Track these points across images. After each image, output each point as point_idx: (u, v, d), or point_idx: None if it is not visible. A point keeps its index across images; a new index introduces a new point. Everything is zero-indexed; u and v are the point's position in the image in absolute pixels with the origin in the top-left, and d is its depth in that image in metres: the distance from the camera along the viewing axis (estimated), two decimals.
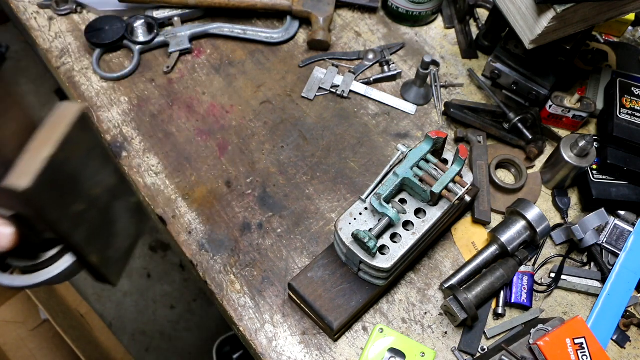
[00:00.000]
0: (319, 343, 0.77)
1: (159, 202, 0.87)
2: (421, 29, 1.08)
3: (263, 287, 0.81)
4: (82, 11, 1.04)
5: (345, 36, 1.06)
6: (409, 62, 1.03)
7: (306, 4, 1.03)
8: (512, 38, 0.92)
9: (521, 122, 0.92)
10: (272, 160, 0.91)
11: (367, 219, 0.73)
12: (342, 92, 0.98)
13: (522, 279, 0.81)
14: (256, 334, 0.78)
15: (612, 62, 1.02)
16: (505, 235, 0.81)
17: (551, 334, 0.72)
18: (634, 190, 0.88)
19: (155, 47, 1.01)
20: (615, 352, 0.80)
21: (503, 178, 0.92)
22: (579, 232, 0.82)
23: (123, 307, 1.84)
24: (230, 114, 0.95)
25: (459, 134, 0.93)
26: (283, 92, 0.98)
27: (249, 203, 0.87)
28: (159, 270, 1.91)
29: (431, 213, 0.74)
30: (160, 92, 0.97)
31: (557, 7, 0.75)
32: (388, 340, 0.75)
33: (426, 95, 0.98)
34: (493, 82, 0.97)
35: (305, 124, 0.95)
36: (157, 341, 1.80)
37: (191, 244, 0.83)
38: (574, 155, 0.85)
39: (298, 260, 0.83)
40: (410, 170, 0.74)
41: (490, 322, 0.80)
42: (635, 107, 0.91)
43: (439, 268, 0.84)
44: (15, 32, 2.33)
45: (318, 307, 0.74)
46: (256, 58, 1.02)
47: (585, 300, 0.83)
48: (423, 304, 0.81)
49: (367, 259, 0.70)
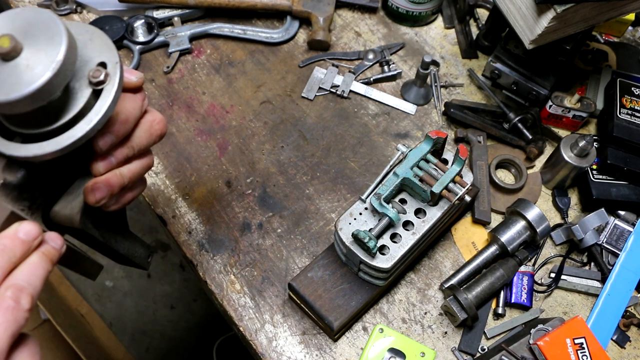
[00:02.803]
0: (319, 343, 0.77)
1: (159, 202, 0.87)
2: (421, 29, 1.08)
3: (263, 287, 0.81)
4: (82, 11, 1.04)
5: (345, 36, 1.06)
6: (409, 62, 1.03)
7: (306, 4, 1.03)
8: (512, 38, 0.92)
9: (521, 122, 0.92)
10: (272, 160, 0.91)
11: (367, 219, 0.73)
12: (342, 92, 0.98)
13: (522, 279, 0.81)
14: (256, 334, 0.78)
15: (612, 62, 1.02)
16: (505, 235, 0.81)
17: (551, 334, 0.72)
18: (634, 190, 0.88)
19: (155, 47, 1.01)
20: (615, 352, 0.80)
21: (503, 178, 0.92)
22: (579, 232, 0.82)
23: (123, 307, 1.84)
24: (230, 114, 0.95)
25: (459, 134, 0.93)
26: (283, 92, 0.98)
27: (249, 203, 0.87)
28: (159, 270, 1.91)
29: (431, 213, 0.74)
30: (160, 92, 0.97)
31: (557, 7, 0.75)
32: (388, 340, 0.75)
33: (426, 95, 0.98)
34: (493, 82, 0.97)
35: (305, 124, 0.95)
36: (157, 341, 1.80)
37: (191, 244, 0.83)
38: (574, 155, 0.85)
39: (298, 260, 0.83)
40: (410, 170, 0.74)
41: (490, 322, 0.80)
42: (635, 107, 0.91)
43: (439, 268, 0.84)
44: None
45: (318, 307, 0.74)
46: (256, 58, 1.02)
47: (585, 300, 0.83)
48: (423, 304, 0.81)
49: (367, 259, 0.70)
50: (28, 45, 0.43)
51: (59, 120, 0.47)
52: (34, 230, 0.44)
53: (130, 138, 0.53)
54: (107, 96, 0.47)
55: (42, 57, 0.43)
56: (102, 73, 0.47)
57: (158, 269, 1.91)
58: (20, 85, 0.42)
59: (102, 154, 0.51)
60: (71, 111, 0.47)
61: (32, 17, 0.44)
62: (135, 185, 0.57)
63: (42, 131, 0.47)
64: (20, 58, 0.43)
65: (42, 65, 0.43)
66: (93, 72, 0.47)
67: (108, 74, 0.47)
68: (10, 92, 0.42)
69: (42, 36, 0.43)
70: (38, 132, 0.47)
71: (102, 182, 0.51)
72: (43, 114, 0.46)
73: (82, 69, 0.48)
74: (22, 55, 0.43)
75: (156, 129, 0.56)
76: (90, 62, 0.48)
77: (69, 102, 0.47)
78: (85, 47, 0.48)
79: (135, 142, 0.54)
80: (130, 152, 0.54)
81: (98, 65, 0.48)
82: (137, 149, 0.54)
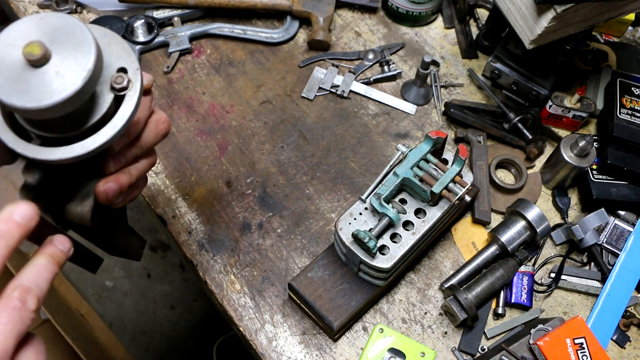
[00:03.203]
0: (319, 343, 0.77)
1: (159, 202, 0.87)
2: (421, 29, 1.08)
3: (263, 287, 0.81)
4: (82, 11, 1.04)
5: (345, 36, 1.06)
6: (409, 62, 1.03)
7: (306, 4, 1.03)
8: (512, 38, 0.92)
9: (521, 122, 0.92)
10: (272, 160, 0.91)
11: (367, 219, 0.73)
12: (342, 92, 0.98)
13: (522, 279, 0.81)
14: (256, 334, 0.78)
15: (612, 62, 1.02)
16: (505, 235, 0.81)
17: (551, 334, 0.72)
18: (634, 190, 0.88)
19: (155, 47, 1.01)
20: (615, 352, 0.80)
21: (503, 178, 0.92)
22: (579, 232, 0.82)
23: (123, 307, 1.84)
24: (230, 114, 0.96)
25: (459, 134, 0.93)
26: (283, 92, 0.98)
27: (249, 203, 0.87)
28: (159, 270, 1.91)
29: (431, 213, 0.74)
30: (160, 92, 0.97)
31: (557, 7, 0.75)
32: (388, 340, 0.75)
33: (426, 95, 0.98)
34: (493, 82, 0.97)
35: (305, 124, 0.95)
36: (157, 341, 1.80)
37: (191, 244, 0.83)
38: (574, 155, 0.86)
39: (298, 260, 0.83)
40: (410, 170, 0.74)
41: (490, 322, 0.80)
42: (635, 107, 0.91)
43: (439, 268, 0.84)
44: None
45: (318, 307, 0.74)
46: (256, 58, 1.02)
47: (585, 300, 0.83)
48: (423, 304, 0.81)
49: (367, 259, 0.70)
50: (56, 51, 0.43)
51: (83, 125, 0.48)
52: (29, 212, 0.44)
53: (140, 138, 0.55)
54: (130, 102, 0.48)
55: (71, 64, 0.43)
56: (124, 79, 0.48)
57: (158, 269, 1.91)
58: (52, 93, 0.42)
59: (114, 154, 0.53)
60: (95, 116, 0.48)
61: (57, 22, 0.44)
62: (139, 183, 0.59)
63: (65, 136, 0.48)
64: (49, 65, 0.43)
65: (73, 73, 0.43)
66: (115, 78, 0.48)
67: (130, 81, 0.48)
68: (42, 100, 0.42)
69: (69, 43, 0.44)
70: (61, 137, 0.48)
71: (112, 180, 0.52)
72: (68, 118, 0.47)
73: (104, 74, 0.48)
74: (50, 62, 0.43)
75: (162, 129, 0.58)
76: (110, 67, 0.49)
77: (93, 107, 0.48)
78: (104, 51, 0.49)
79: (143, 142, 0.56)
80: (139, 151, 0.56)
81: (119, 71, 0.49)
82: (144, 148, 0.56)
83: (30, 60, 0.42)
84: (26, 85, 0.42)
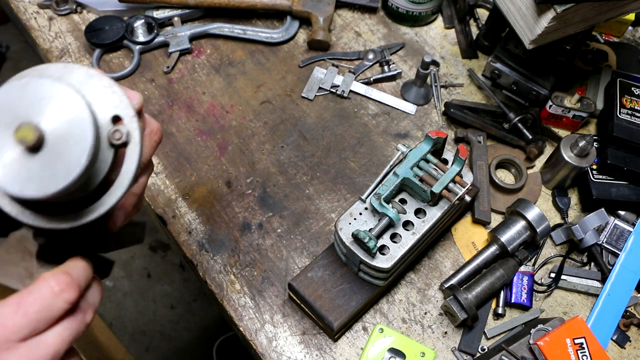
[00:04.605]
0: (319, 343, 0.77)
1: (159, 202, 0.87)
2: (421, 29, 1.08)
3: (263, 287, 0.81)
4: (82, 11, 1.04)
5: (345, 36, 1.06)
6: (409, 62, 1.03)
7: (306, 4, 1.03)
8: (512, 38, 0.92)
9: (521, 122, 0.92)
10: (272, 160, 0.91)
11: (367, 219, 0.73)
12: (342, 92, 0.98)
13: (522, 279, 0.81)
14: (256, 334, 0.78)
15: (612, 62, 1.02)
16: (505, 235, 0.81)
17: (551, 334, 0.72)
18: (634, 190, 0.88)
19: (155, 47, 1.01)
20: (615, 352, 0.80)
21: (503, 178, 0.92)
22: (579, 232, 0.82)
23: (123, 307, 1.84)
24: (230, 114, 0.96)
25: (459, 134, 0.93)
26: (283, 92, 0.98)
27: (249, 203, 0.87)
28: (159, 270, 1.91)
29: (431, 213, 0.74)
30: (160, 92, 0.97)
31: (557, 7, 0.75)
32: (388, 340, 0.75)
33: (426, 95, 0.98)
34: (493, 82, 0.97)
35: (305, 124, 0.95)
36: (157, 341, 1.80)
37: (191, 244, 0.83)
38: (574, 155, 0.86)
39: (298, 260, 0.83)
40: (410, 170, 0.74)
41: (490, 322, 0.80)
42: (635, 107, 0.91)
43: (439, 268, 0.84)
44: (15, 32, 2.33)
45: (318, 307, 0.74)
46: (256, 58, 1.02)
47: (585, 300, 0.83)
48: (423, 304, 0.81)
49: (367, 259, 0.70)
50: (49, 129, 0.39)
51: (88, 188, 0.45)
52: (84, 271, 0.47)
53: None
54: (132, 157, 0.45)
55: (70, 142, 0.39)
56: (122, 134, 0.44)
57: (158, 269, 1.91)
58: (56, 179, 0.39)
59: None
60: (98, 177, 0.45)
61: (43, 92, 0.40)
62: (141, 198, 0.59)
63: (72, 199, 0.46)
64: (46, 148, 0.39)
65: (74, 153, 0.39)
66: (112, 133, 0.44)
67: (129, 132, 0.44)
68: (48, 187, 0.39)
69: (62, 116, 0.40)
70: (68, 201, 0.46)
71: (118, 208, 0.53)
72: None
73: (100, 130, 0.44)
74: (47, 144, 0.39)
75: (155, 140, 0.57)
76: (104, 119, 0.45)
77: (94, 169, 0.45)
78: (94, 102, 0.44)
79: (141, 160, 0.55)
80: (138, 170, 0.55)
81: (113, 120, 0.45)
82: (142, 165, 0.55)
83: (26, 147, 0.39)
84: (27, 174, 0.39)
